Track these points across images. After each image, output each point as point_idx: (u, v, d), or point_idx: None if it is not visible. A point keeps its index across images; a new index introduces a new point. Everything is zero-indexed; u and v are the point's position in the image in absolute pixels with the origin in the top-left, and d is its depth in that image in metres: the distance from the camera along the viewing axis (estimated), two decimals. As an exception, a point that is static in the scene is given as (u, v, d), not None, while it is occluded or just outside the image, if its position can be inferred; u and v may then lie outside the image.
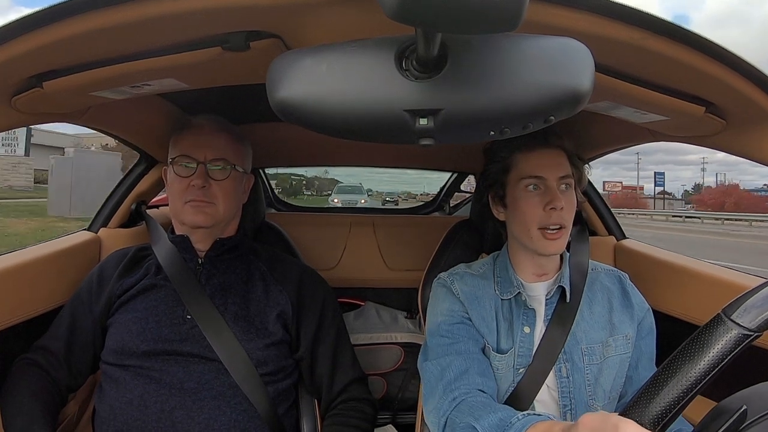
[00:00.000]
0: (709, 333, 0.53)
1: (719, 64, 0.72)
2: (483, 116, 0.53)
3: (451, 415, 0.94)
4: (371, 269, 2.00)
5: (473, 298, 1.13)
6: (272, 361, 1.17)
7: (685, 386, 0.51)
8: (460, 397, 0.96)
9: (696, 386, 0.51)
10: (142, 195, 1.61)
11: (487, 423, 0.84)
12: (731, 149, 0.99)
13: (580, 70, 0.52)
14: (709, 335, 0.53)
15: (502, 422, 0.81)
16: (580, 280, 1.14)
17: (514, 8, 0.39)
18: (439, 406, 0.98)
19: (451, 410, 0.95)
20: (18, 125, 0.98)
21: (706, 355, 0.52)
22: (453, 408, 0.95)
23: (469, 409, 0.92)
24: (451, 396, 0.97)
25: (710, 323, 0.54)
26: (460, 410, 0.93)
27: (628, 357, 1.11)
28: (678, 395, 0.51)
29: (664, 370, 0.54)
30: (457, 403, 0.95)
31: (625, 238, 1.72)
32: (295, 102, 0.53)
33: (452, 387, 0.99)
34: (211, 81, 0.89)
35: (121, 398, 1.08)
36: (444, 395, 0.99)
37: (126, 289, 1.20)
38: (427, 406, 1.05)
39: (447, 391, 0.99)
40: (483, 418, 0.86)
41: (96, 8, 0.63)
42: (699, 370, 0.52)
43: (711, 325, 0.54)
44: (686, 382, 0.52)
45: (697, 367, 0.52)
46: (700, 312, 1.29)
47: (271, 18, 0.66)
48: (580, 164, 1.15)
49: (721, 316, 0.53)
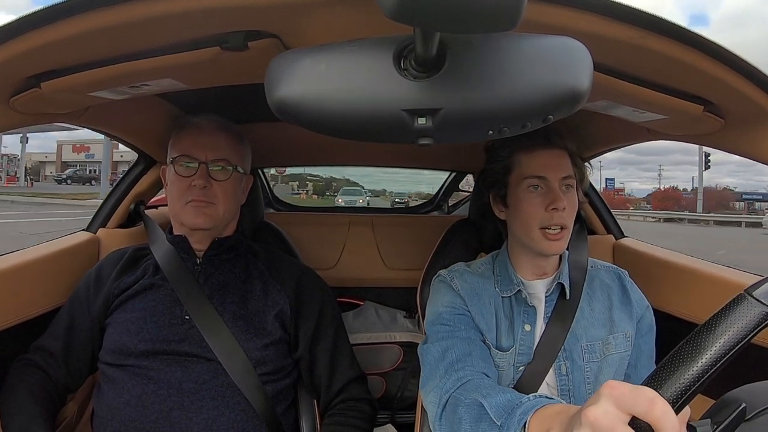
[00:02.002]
0: (732, 310, 0.53)
1: (718, 63, 0.72)
2: (482, 115, 0.53)
3: (455, 393, 0.92)
4: (370, 269, 2.00)
5: (473, 295, 1.13)
6: (271, 361, 1.17)
7: (706, 364, 0.50)
8: (467, 377, 0.95)
9: (715, 365, 0.50)
10: (141, 195, 1.61)
11: (495, 401, 0.81)
12: (730, 148, 0.99)
13: (578, 69, 0.52)
14: (732, 312, 0.52)
15: (511, 402, 0.78)
16: (579, 278, 1.14)
17: (513, 7, 0.39)
18: (441, 384, 0.97)
19: (456, 388, 0.93)
20: (17, 126, 0.97)
21: (727, 332, 0.51)
22: (458, 386, 0.93)
23: (476, 387, 0.90)
24: (456, 376, 0.96)
25: (733, 301, 0.53)
26: (466, 388, 0.92)
27: (628, 355, 1.11)
28: (698, 373, 0.50)
29: (685, 346, 0.52)
30: (462, 383, 0.93)
31: (623, 237, 1.72)
32: (294, 102, 0.52)
33: (456, 367, 0.98)
34: (209, 81, 0.89)
35: (119, 398, 1.08)
36: (446, 375, 0.98)
37: (124, 288, 1.20)
38: (426, 387, 1.03)
39: (450, 371, 0.98)
40: (491, 396, 0.83)
41: (94, 8, 0.63)
42: (720, 348, 0.51)
43: (734, 303, 0.53)
44: (707, 360, 0.50)
45: (717, 343, 0.51)
46: (699, 311, 1.30)
47: (270, 18, 0.66)
48: (581, 164, 1.15)
49: (744, 295, 0.53)
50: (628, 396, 0.48)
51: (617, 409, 0.48)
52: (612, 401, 0.48)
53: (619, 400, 0.48)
